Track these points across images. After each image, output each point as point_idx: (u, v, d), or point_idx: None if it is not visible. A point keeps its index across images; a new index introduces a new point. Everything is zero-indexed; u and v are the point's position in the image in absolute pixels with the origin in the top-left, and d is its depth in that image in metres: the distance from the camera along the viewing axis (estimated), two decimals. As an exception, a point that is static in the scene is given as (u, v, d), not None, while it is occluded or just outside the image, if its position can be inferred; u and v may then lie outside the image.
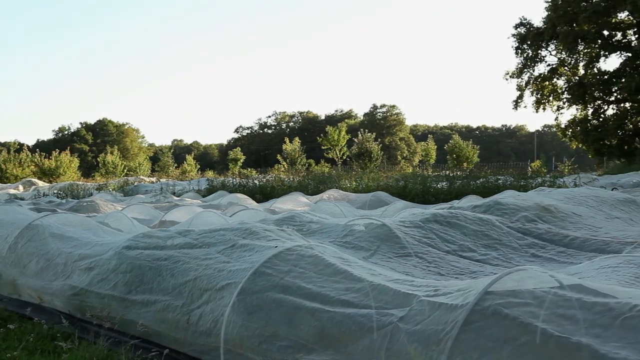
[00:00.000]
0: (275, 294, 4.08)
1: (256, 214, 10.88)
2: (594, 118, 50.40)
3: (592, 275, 4.47)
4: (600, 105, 50.50)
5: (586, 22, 46.33)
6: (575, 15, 47.29)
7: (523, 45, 52.33)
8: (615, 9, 46.05)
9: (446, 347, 3.05)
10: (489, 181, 19.72)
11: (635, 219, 8.51)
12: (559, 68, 51.65)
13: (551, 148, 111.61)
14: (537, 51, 52.17)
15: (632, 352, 2.64)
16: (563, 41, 48.32)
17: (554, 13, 48.67)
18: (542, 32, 50.33)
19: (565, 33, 47.41)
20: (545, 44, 51.65)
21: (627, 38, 49.33)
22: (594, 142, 48.79)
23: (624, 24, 48.51)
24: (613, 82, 47.95)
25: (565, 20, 47.89)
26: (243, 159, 77.10)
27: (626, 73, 46.46)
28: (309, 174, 28.68)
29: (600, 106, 50.57)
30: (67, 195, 23.38)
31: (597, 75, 49.33)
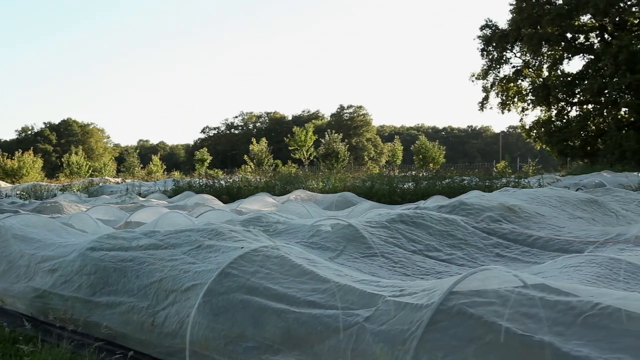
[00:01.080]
0: (242, 295, 4.07)
1: (222, 214, 10.83)
2: (557, 119, 51.10)
3: (555, 275, 4.52)
4: (564, 106, 51.23)
5: (550, 24, 46.97)
6: (539, 17, 47.91)
7: (488, 47, 52.86)
8: (578, 12, 46.75)
9: (411, 346, 3.07)
10: (455, 181, 19.84)
11: (597, 219, 8.63)
12: (523, 70, 52.28)
13: (516, 149, 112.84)
14: (502, 53, 52.75)
15: (593, 350, 2.68)
16: (527, 43, 48.93)
17: (519, 15, 49.25)
18: (507, 34, 50.89)
19: (529, 35, 48.00)
20: (510, 46, 52.25)
21: (590, 41, 50.10)
22: (557, 143, 49.45)
23: (586, 27, 49.25)
24: (576, 84, 48.67)
25: (530, 23, 48.48)
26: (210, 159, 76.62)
27: (589, 75, 47.17)
28: (276, 175, 28.61)
29: (563, 108, 51.30)
30: (30, 196, 23.06)
31: (561, 77, 50.04)
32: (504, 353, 2.86)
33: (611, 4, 44.52)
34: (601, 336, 2.77)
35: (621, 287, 4.11)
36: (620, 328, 2.78)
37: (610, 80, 43.60)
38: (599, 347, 2.70)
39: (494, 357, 2.87)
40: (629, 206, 10.33)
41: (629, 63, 42.91)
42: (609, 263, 4.49)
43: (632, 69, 42.98)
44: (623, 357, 2.61)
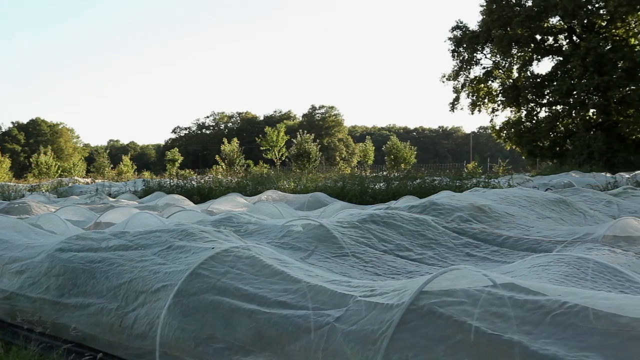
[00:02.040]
0: (212, 296, 4.05)
1: (193, 215, 10.78)
2: (527, 120, 51.60)
3: (524, 274, 4.56)
4: (533, 107, 51.75)
5: (520, 26, 47.43)
6: (509, 19, 48.36)
7: (459, 49, 53.24)
8: (547, 14, 47.25)
9: (382, 346, 3.08)
10: (426, 182, 19.94)
11: (565, 219, 8.73)
12: (493, 71, 52.74)
13: (486, 149, 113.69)
14: (473, 54, 53.15)
15: (561, 348, 2.71)
16: (498, 45, 49.36)
17: (489, 17, 49.67)
18: (478, 35, 51.30)
19: (499, 37, 48.44)
20: (481, 47, 52.67)
21: (559, 42, 50.70)
22: (527, 143, 49.96)
23: (555, 29, 49.82)
24: (545, 85, 49.22)
25: (500, 24, 48.92)
26: (181, 159, 76.24)
27: (558, 77, 47.73)
28: (247, 175, 28.55)
29: (533, 108, 51.82)
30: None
31: (530, 78, 50.55)
32: (474, 352, 2.88)
33: (579, 6, 45.08)
34: (569, 334, 2.79)
35: (589, 286, 4.16)
36: (587, 326, 2.81)
37: (578, 82, 44.16)
38: (566, 345, 2.73)
39: (463, 356, 2.89)
40: (597, 206, 10.46)
41: (596, 65, 43.50)
42: (576, 262, 4.54)
43: (599, 71, 43.58)
44: (590, 355, 2.64)
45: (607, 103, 43.85)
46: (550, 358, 2.67)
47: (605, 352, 2.63)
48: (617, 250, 5.75)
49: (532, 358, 2.73)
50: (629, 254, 5.64)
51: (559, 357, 2.66)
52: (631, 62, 42.85)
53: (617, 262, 4.97)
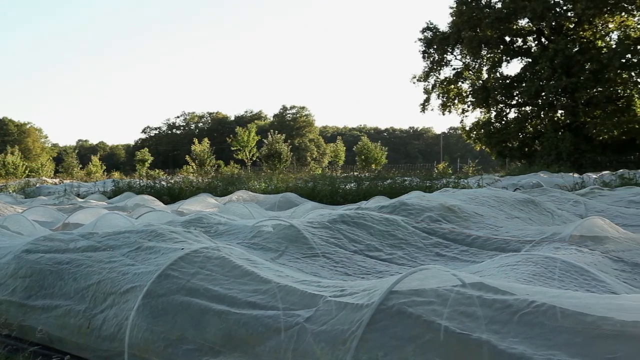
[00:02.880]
0: (182, 297, 4.03)
1: (163, 215, 10.71)
2: (496, 121, 52.09)
3: (493, 274, 4.60)
4: (503, 108, 52.27)
5: (489, 27, 47.87)
6: (479, 21, 48.77)
7: (429, 50, 53.58)
8: (516, 16, 47.75)
9: (352, 346, 3.09)
10: (396, 182, 20.01)
11: (534, 219, 8.82)
12: (463, 72, 53.15)
13: (457, 150, 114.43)
14: (443, 55, 53.53)
15: (528, 347, 2.73)
16: (467, 46, 49.75)
17: (459, 18, 50.05)
18: (448, 36, 51.67)
19: (469, 38, 48.82)
20: (451, 49, 53.06)
21: (527, 44, 51.29)
22: (496, 144, 50.44)
23: (524, 31, 50.37)
24: (514, 87, 49.78)
25: (470, 26, 49.31)
26: (151, 160, 75.79)
27: (526, 78, 48.27)
28: (218, 175, 28.42)
29: (502, 109, 52.34)
30: (-37, 198, 22.38)
31: (500, 79, 51.07)
32: (443, 352, 2.90)
33: (548, 9, 45.61)
34: (536, 333, 2.82)
35: (556, 285, 4.21)
36: (554, 325, 2.84)
37: (547, 83, 44.69)
38: (534, 344, 2.76)
39: (433, 355, 2.90)
40: (564, 206, 10.59)
41: (564, 66, 44.06)
42: (544, 262, 4.59)
43: (567, 72, 44.13)
44: (557, 354, 2.67)
45: (575, 104, 44.46)
46: (518, 357, 2.70)
47: (571, 350, 2.67)
48: (584, 249, 5.82)
49: (500, 357, 2.75)
50: (596, 253, 5.72)
51: (526, 355, 2.69)
52: (598, 64, 43.49)
53: (584, 261, 5.04)
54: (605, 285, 4.25)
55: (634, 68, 44.92)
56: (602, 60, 43.35)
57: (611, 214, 9.66)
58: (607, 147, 44.76)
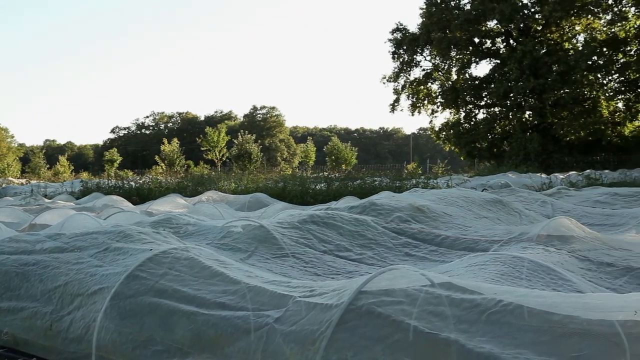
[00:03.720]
0: (150, 298, 4.00)
1: (132, 216, 10.62)
2: (465, 122, 52.54)
3: (462, 273, 4.63)
4: (472, 109, 52.75)
5: (458, 29, 48.24)
6: (448, 22, 49.15)
7: (399, 50, 53.87)
8: (485, 18, 48.21)
9: (321, 346, 3.09)
10: (366, 182, 20.08)
11: (502, 219, 8.90)
12: (433, 73, 53.52)
13: (426, 150, 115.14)
14: (413, 56, 53.85)
15: (496, 346, 2.76)
16: (437, 47, 50.13)
17: (429, 20, 50.40)
18: (418, 37, 51.99)
19: (439, 39, 49.17)
20: (421, 50, 53.41)
21: (496, 45, 51.81)
22: (465, 144, 50.86)
23: (493, 32, 50.86)
24: (483, 88, 50.26)
25: (439, 27, 49.67)
26: (120, 160, 75.16)
27: (495, 79, 48.77)
28: (187, 176, 28.30)
29: (471, 110, 52.81)
30: None
31: (469, 80, 51.51)
32: (412, 351, 2.91)
33: (516, 11, 46.12)
34: (504, 332, 2.85)
35: (524, 284, 4.25)
36: (521, 324, 2.87)
37: (515, 84, 45.18)
38: (501, 343, 2.78)
39: (402, 355, 2.91)
40: (532, 206, 10.70)
41: (532, 68, 44.59)
42: (512, 261, 4.63)
43: (535, 74, 44.66)
44: (524, 352, 2.69)
45: (543, 105, 45.01)
46: (486, 356, 2.72)
47: (537, 348, 2.70)
48: (551, 249, 5.88)
49: (468, 356, 2.77)
50: (562, 252, 5.78)
51: (494, 354, 2.71)
52: (565, 65, 44.07)
53: (550, 260, 5.09)
54: (571, 285, 4.30)
55: (600, 70, 45.68)
56: (569, 62, 43.95)
57: (577, 214, 9.78)
58: (573, 148, 45.38)
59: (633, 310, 2.71)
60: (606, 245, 6.29)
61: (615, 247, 6.24)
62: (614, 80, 47.20)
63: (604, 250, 6.08)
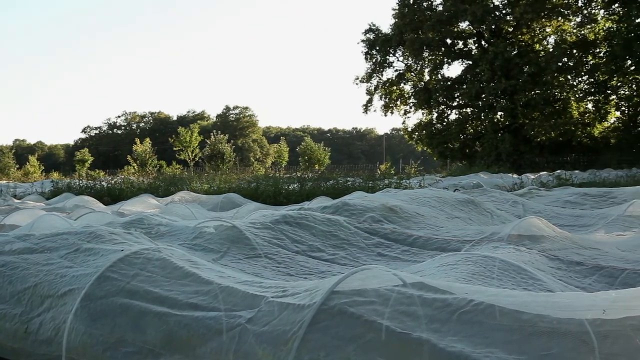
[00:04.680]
0: (122, 299, 3.97)
1: (103, 216, 10.52)
2: (438, 122, 52.88)
3: (434, 273, 4.66)
4: (444, 110, 53.13)
5: (431, 30, 48.56)
6: (420, 23, 49.45)
7: (372, 51, 54.08)
8: (457, 19, 48.58)
9: (293, 346, 3.08)
10: (339, 183, 20.10)
11: (473, 219, 8.95)
12: (405, 74, 53.79)
13: (399, 150, 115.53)
14: (386, 57, 54.10)
15: (467, 345, 2.78)
16: (409, 48, 50.39)
17: (401, 20, 50.66)
18: (390, 38, 52.23)
19: (411, 40, 49.44)
20: (393, 50, 53.67)
21: (468, 47, 52.24)
22: (438, 145, 51.20)
23: (465, 33, 51.27)
24: (455, 88, 50.65)
25: (412, 28, 49.94)
26: (91, 160, 74.56)
27: (467, 80, 49.18)
28: (159, 176, 28.15)
29: (444, 111, 53.19)
30: None
31: (441, 81, 51.86)
32: (384, 351, 2.92)
33: (487, 12, 46.54)
34: (475, 331, 2.87)
35: (495, 284, 4.28)
36: (493, 323, 2.89)
37: (487, 85, 45.58)
38: (473, 342, 2.80)
39: (374, 355, 2.92)
40: (503, 206, 10.78)
41: (504, 69, 45.02)
42: (483, 261, 4.66)
43: (507, 75, 45.09)
44: (495, 351, 2.71)
45: (514, 106, 45.46)
46: (457, 355, 2.74)
47: (508, 347, 2.72)
48: (522, 248, 5.94)
49: (440, 355, 2.78)
50: (533, 252, 5.83)
51: (465, 353, 2.73)
52: (536, 67, 44.57)
53: (521, 260, 5.13)
54: (542, 284, 4.34)
55: (570, 71, 46.27)
56: (540, 64, 44.47)
57: (548, 214, 9.87)
58: (544, 148, 45.88)
59: (601, 308, 2.75)
60: (576, 244, 6.36)
61: (584, 246, 6.32)
62: (583, 82, 47.89)
63: (574, 250, 6.15)
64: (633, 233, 8.05)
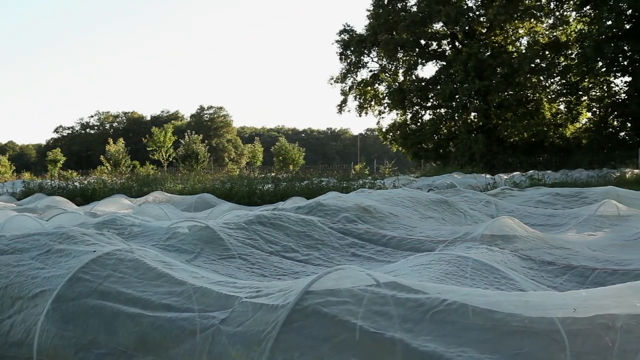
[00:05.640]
0: (94, 300, 3.93)
1: (75, 217, 10.43)
2: (412, 123, 53.13)
3: (407, 273, 4.68)
4: (418, 110, 53.39)
5: (405, 31, 48.77)
6: (395, 24, 49.67)
7: (347, 51, 54.21)
8: (431, 20, 48.85)
9: (267, 347, 3.08)
10: (314, 183, 20.12)
11: (447, 219, 8.99)
12: (380, 74, 53.98)
13: (373, 151, 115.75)
14: (360, 57, 54.26)
15: (440, 344, 2.79)
16: (384, 48, 50.59)
17: (376, 21, 50.86)
18: (365, 39, 52.40)
19: (386, 41, 49.63)
20: (368, 51, 53.86)
21: (442, 48, 52.54)
22: (412, 145, 51.44)
23: (439, 34, 51.56)
24: (429, 89, 50.91)
25: (386, 29, 50.15)
26: (63, 160, 73.95)
27: (441, 81, 49.47)
28: (133, 176, 27.97)
29: (418, 111, 53.44)
30: None
31: (415, 82, 52.11)
32: (358, 351, 2.92)
33: (461, 13, 46.85)
34: (448, 331, 2.88)
35: (468, 283, 4.31)
36: (465, 322, 2.90)
37: (460, 86, 45.90)
38: (445, 342, 2.81)
39: (348, 355, 2.92)
40: (477, 206, 10.84)
41: (477, 70, 45.36)
42: (456, 261, 4.69)
43: (480, 76, 45.43)
44: (467, 350, 2.73)
45: (487, 107, 45.81)
46: (430, 354, 2.75)
47: (480, 346, 2.73)
48: (495, 248, 5.98)
49: (412, 354, 2.79)
50: (505, 251, 5.88)
51: (437, 353, 2.74)
52: (509, 68, 44.99)
53: (494, 259, 5.17)
54: (514, 283, 4.38)
55: (543, 73, 46.71)
56: (513, 65, 44.90)
57: (520, 213, 9.95)
58: (517, 149, 46.26)
59: (572, 307, 2.77)
60: (548, 244, 6.43)
61: (556, 246, 6.39)
62: (555, 83, 48.35)
63: (546, 250, 6.21)
64: (604, 233, 8.16)
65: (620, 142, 43.43)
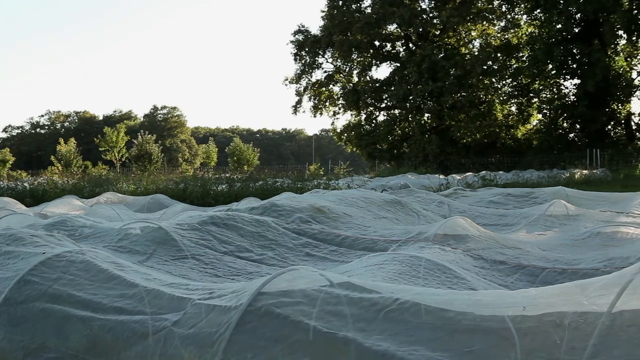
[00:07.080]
0: (43, 304, 3.87)
1: (25, 218, 10.22)
2: (366, 123, 53.37)
3: (361, 273, 4.70)
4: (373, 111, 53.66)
5: (359, 32, 49.02)
6: (349, 25, 49.87)
7: (301, 52, 54.23)
8: (385, 21, 49.16)
9: (220, 348, 3.07)
10: (268, 183, 20.10)
11: (400, 219, 9.06)
12: (335, 75, 54.11)
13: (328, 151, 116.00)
14: (315, 58, 54.32)
15: (392, 343, 2.80)
16: (338, 49, 50.76)
17: (330, 22, 50.99)
18: (320, 40, 52.48)
19: (340, 42, 49.80)
20: (323, 52, 53.94)
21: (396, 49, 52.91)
22: (366, 146, 51.67)
23: (393, 36, 51.93)
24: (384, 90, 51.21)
25: (341, 30, 50.31)
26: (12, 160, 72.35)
27: (395, 82, 49.79)
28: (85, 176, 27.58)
29: (372, 112, 53.71)
30: None
31: (370, 83, 52.38)
32: (312, 351, 2.93)
33: (415, 15, 47.29)
34: (400, 330, 2.90)
35: (421, 283, 4.35)
36: (418, 321, 2.92)
37: (414, 87, 46.30)
38: (398, 340, 2.83)
39: (301, 355, 2.93)
40: (430, 206, 10.94)
41: (430, 71, 45.83)
42: (410, 260, 4.72)
43: (433, 77, 45.91)
44: (419, 349, 2.75)
45: (441, 108, 46.32)
46: (382, 353, 2.76)
47: (432, 344, 2.76)
48: (447, 248, 6.04)
49: (366, 353, 2.81)
50: (458, 251, 5.95)
51: (390, 351, 2.76)
52: (462, 69, 45.56)
53: (446, 259, 5.23)
54: (466, 282, 4.43)
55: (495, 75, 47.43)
56: (466, 67, 45.49)
57: (472, 214, 10.07)
58: (470, 150, 46.84)
59: (522, 305, 2.82)
60: (499, 244, 6.52)
61: (507, 246, 6.49)
62: (507, 85, 49.12)
63: (497, 249, 6.30)
64: (553, 232, 8.32)
65: (569, 143, 44.28)
